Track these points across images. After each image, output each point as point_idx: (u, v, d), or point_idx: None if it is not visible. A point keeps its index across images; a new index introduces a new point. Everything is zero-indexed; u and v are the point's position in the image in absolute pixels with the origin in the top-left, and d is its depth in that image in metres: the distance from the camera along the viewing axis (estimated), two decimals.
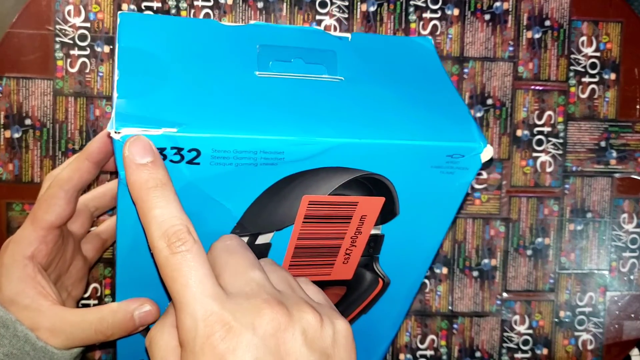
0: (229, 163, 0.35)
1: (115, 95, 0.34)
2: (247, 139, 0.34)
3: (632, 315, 0.62)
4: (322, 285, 0.45)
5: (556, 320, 0.61)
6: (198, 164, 0.34)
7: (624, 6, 0.61)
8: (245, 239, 0.40)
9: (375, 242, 0.43)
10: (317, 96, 0.38)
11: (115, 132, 0.32)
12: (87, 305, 0.57)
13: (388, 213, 0.41)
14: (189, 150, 0.34)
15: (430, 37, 0.52)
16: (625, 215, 0.61)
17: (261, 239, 0.40)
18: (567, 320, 0.61)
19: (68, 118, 0.57)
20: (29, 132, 0.56)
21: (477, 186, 0.60)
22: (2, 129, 0.56)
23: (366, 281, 0.45)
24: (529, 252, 0.61)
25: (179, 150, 0.33)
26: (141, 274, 0.40)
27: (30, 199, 0.57)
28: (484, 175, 0.60)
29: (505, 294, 0.61)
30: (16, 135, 0.56)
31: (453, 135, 0.38)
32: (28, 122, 0.56)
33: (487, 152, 0.38)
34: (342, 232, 0.41)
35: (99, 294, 0.57)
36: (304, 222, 0.40)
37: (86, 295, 0.57)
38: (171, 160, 0.34)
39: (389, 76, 0.42)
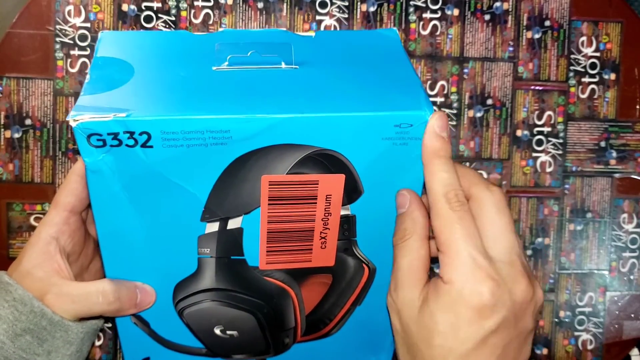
0: (180, 145, 0.37)
1: (80, 95, 0.38)
2: (193, 119, 0.36)
3: (632, 315, 0.62)
4: (307, 274, 0.45)
5: (556, 320, 0.61)
6: (151, 147, 0.37)
7: (624, 6, 0.61)
8: (216, 224, 0.41)
9: (348, 224, 0.43)
10: (268, 82, 0.40)
11: (73, 120, 0.36)
12: None
13: (353, 191, 0.42)
14: (140, 134, 0.36)
15: (395, 29, 0.52)
16: (625, 215, 0.62)
17: (232, 224, 0.42)
18: (567, 320, 0.61)
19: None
20: (29, 132, 0.57)
21: None
22: (2, 129, 0.56)
23: (350, 267, 0.46)
24: (529, 252, 0.61)
25: (131, 134, 0.36)
26: (126, 259, 0.42)
27: (31, 199, 0.57)
28: (484, 175, 0.60)
29: None
30: (16, 136, 0.56)
31: (399, 106, 0.38)
32: (28, 122, 0.56)
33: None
34: (311, 214, 0.42)
35: None
36: (269, 204, 0.41)
37: None
38: (127, 145, 0.37)
39: (345, 61, 0.43)
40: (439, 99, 0.59)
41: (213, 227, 0.42)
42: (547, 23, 0.60)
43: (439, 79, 0.59)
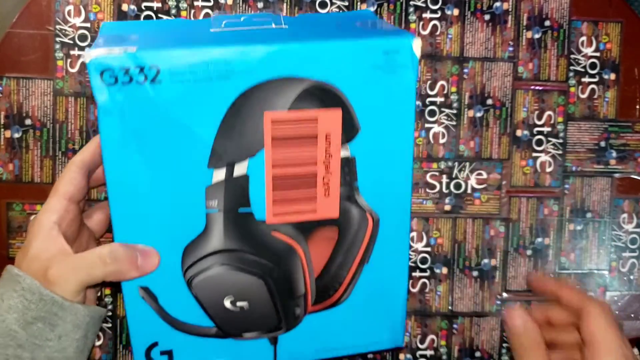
0: (187, 79, 0.40)
1: (92, 46, 0.41)
2: (198, 51, 0.40)
3: (632, 315, 0.62)
4: (313, 227, 0.46)
5: None
6: (160, 82, 0.40)
7: (624, 6, 0.61)
8: (223, 171, 0.43)
9: (348, 167, 0.45)
10: (262, 33, 0.45)
11: (88, 56, 0.39)
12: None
13: (350, 128, 0.44)
14: (150, 68, 0.39)
15: (370, 10, 0.57)
16: (625, 215, 0.62)
17: (237, 170, 0.43)
18: None
19: (68, 118, 0.57)
20: (29, 132, 0.57)
21: (477, 186, 0.60)
22: (2, 129, 0.56)
23: (355, 218, 0.46)
24: (529, 252, 0.61)
25: (142, 69, 0.39)
26: (135, 216, 0.43)
27: (31, 199, 0.57)
28: (484, 175, 0.60)
29: (505, 294, 0.61)
30: (16, 135, 0.56)
31: (385, 36, 0.44)
32: (28, 122, 0.56)
33: (417, 44, 0.43)
34: (313, 156, 0.44)
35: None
36: (273, 145, 0.43)
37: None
38: (137, 82, 0.39)
39: (330, 22, 0.50)
40: (439, 99, 0.59)
41: (220, 175, 0.43)
42: (547, 23, 0.60)
43: (438, 79, 0.59)
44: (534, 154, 0.61)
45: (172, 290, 0.45)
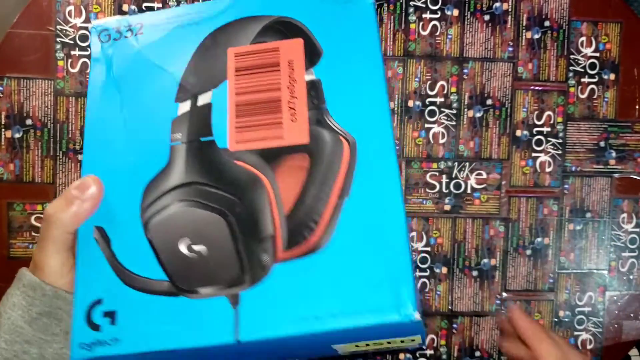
0: (164, 28, 0.46)
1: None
2: (174, 7, 0.50)
3: (632, 315, 0.62)
4: (280, 155, 0.41)
5: (555, 319, 0.61)
6: (142, 33, 0.46)
7: (624, 7, 0.61)
8: (188, 103, 0.43)
9: (315, 90, 0.43)
10: None
11: (93, 22, 0.47)
12: None
13: (313, 54, 0.44)
14: (136, 25, 0.46)
15: None
16: (625, 215, 0.62)
17: (201, 100, 0.43)
18: (566, 319, 0.61)
19: (69, 118, 0.57)
20: (30, 132, 0.57)
21: (476, 186, 0.60)
22: (3, 129, 0.56)
23: (327, 142, 0.41)
24: (529, 252, 0.61)
25: (130, 27, 0.46)
26: (104, 153, 0.44)
27: (31, 199, 0.57)
28: (484, 175, 0.60)
29: (504, 294, 0.61)
30: (17, 136, 0.57)
31: None
32: (29, 122, 0.57)
33: None
34: (276, 82, 0.43)
35: None
36: (236, 75, 0.44)
37: None
38: (125, 37, 0.46)
39: None
40: (439, 99, 0.60)
41: (185, 107, 0.43)
42: (547, 23, 0.60)
43: (438, 79, 0.59)
44: (534, 154, 0.61)
45: (127, 233, 0.41)
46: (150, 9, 0.57)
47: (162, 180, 0.41)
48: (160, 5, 0.57)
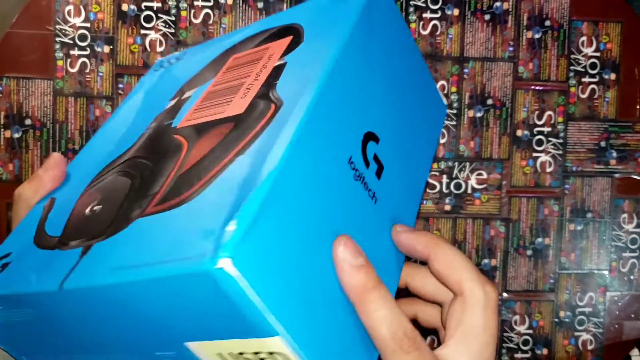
0: (195, 53, 0.48)
1: None
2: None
3: (632, 315, 0.62)
4: (213, 125, 0.38)
5: (556, 320, 0.61)
6: (182, 59, 0.48)
7: (624, 6, 0.61)
8: (176, 99, 0.44)
9: (276, 71, 0.40)
10: None
11: None
12: None
13: (294, 44, 0.42)
14: (183, 54, 0.48)
15: None
16: (625, 215, 0.62)
17: (185, 94, 0.44)
18: (567, 320, 0.61)
19: (68, 118, 0.57)
20: (29, 132, 0.56)
21: (477, 186, 0.60)
22: (2, 129, 0.56)
23: (257, 110, 0.37)
24: (529, 252, 0.61)
25: (179, 57, 0.48)
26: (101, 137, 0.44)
27: None
28: (484, 175, 0.60)
29: (505, 294, 0.61)
30: (16, 135, 0.56)
31: None
32: (28, 122, 0.56)
33: None
34: (249, 71, 0.43)
35: None
36: (223, 72, 0.44)
37: None
38: (169, 63, 0.48)
39: None
40: None
41: (172, 102, 0.45)
42: (547, 23, 0.60)
43: (439, 78, 0.59)
44: (534, 154, 0.60)
45: (64, 203, 0.40)
46: (150, 8, 0.57)
47: (117, 159, 0.42)
48: (159, 4, 0.57)
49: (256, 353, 0.27)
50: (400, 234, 0.35)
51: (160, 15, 0.57)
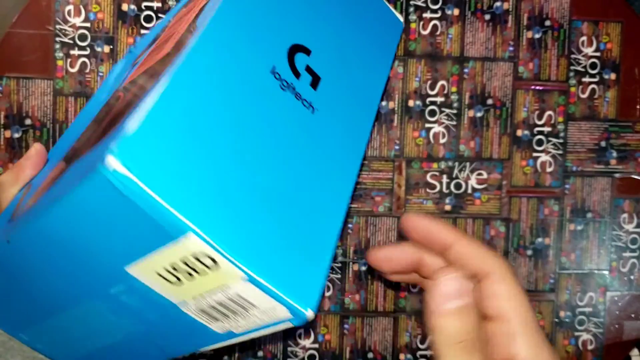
0: None
1: None
2: None
3: (632, 315, 0.62)
4: (145, 75, 0.36)
5: (556, 320, 0.61)
6: None
7: (624, 6, 0.61)
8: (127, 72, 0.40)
9: (201, 10, 0.36)
10: None
11: None
12: None
13: None
14: None
15: None
16: (626, 215, 0.61)
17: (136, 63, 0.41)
18: (567, 320, 0.61)
19: (68, 118, 0.57)
20: (29, 132, 0.56)
21: (477, 186, 0.60)
22: (2, 129, 0.56)
23: (181, 45, 0.35)
24: (529, 252, 0.61)
25: None
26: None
27: None
28: (484, 175, 0.60)
29: None
30: (16, 135, 0.56)
31: None
32: (28, 122, 0.56)
33: None
34: (182, 23, 0.37)
35: None
36: (163, 32, 0.39)
37: None
38: None
39: None
40: (439, 99, 0.59)
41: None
42: (548, 23, 0.60)
43: (439, 78, 0.59)
44: (535, 154, 0.60)
45: (39, 183, 0.40)
46: (150, 8, 0.57)
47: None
48: (159, 4, 0.57)
49: (185, 263, 0.26)
50: (418, 219, 0.33)
51: (160, 15, 0.57)
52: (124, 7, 0.57)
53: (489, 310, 0.29)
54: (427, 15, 0.59)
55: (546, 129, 0.61)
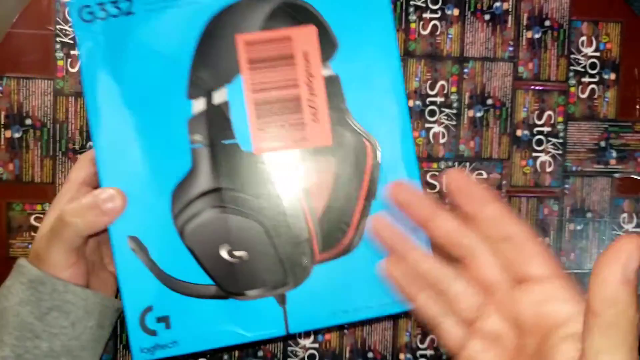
0: (158, 7, 0.41)
1: None
2: None
3: None
4: (306, 157, 0.42)
5: None
6: (133, 13, 0.41)
7: (624, 6, 0.61)
8: (203, 101, 0.41)
9: (333, 87, 0.42)
10: None
11: None
12: None
13: (328, 45, 0.42)
14: (123, 0, 0.41)
15: None
16: (625, 215, 0.62)
17: (217, 97, 0.41)
18: None
19: (68, 118, 0.57)
20: (30, 132, 0.57)
21: None
22: (2, 129, 0.56)
23: (350, 145, 0.42)
24: None
25: (115, 2, 0.40)
26: (119, 161, 0.41)
27: (31, 199, 0.57)
28: (484, 175, 0.60)
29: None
30: (17, 135, 0.56)
31: None
32: (28, 122, 0.57)
33: None
34: (293, 77, 0.41)
35: None
36: (250, 69, 0.41)
37: None
38: (112, 16, 0.41)
39: None
40: (439, 99, 0.59)
41: (199, 105, 0.41)
42: (547, 23, 0.60)
43: (439, 79, 0.59)
44: (534, 154, 0.61)
45: (163, 241, 0.41)
46: None
47: (189, 185, 0.41)
48: None
49: None
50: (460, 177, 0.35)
51: None
52: None
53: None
54: (427, 15, 0.59)
55: (546, 129, 0.61)
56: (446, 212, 0.35)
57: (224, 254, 0.41)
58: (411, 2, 0.59)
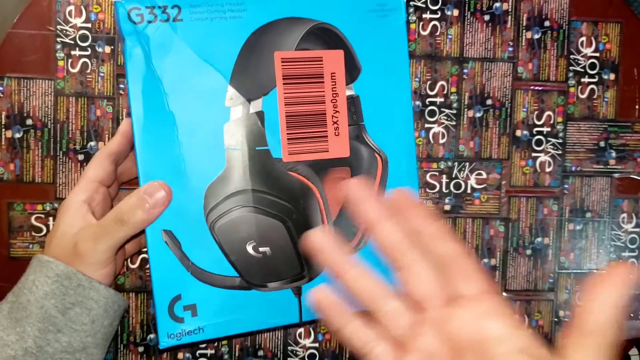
0: (205, 17, 0.44)
1: None
2: None
3: (631, 315, 0.62)
4: (326, 167, 0.48)
5: (555, 319, 0.61)
6: (181, 20, 0.44)
7: (624, 6, 0.61)
8: (240, 109, 0.45)
9: (354, 106, 0.48)
10: None
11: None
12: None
13: (352, 68, 0.48)
14: (172, 7, 0.44)
15: None
16: (625, 215, 0.62)
17: (253, 107, 0.46)
18: (566, 319, 0.61)
19: (69, 118, 0.57)
20: (30, 132, 0.57)
21: (476, 186, 0.60)
22: (3, 129, 0.56)
23: (365, 158, 0.48)
24: (529, 252, 0.61)
25: (164, 8, 0.44)
26: (158, 157, 0.45)
27: (32, 199, 0.57)
28: (484, 175, 0.60)
29: (504, 294, 0.61)
30: (17, 135, 0.57)
31: None
32: (29, 122, 0.57)
33: None
34: (321, 94, 0.47)
35: None
36: (284, 83, 0.46)
37: None
38: (161, 20, 0.44)
39: None
40: (439, 99, 0.60)
41: (237, 112, 0.45)
42: (547, 23, 0.60)
43: (438, 79, 0.59)
44: (534, 154, 0.61)
45: (195, 236, 0.45)
46: None
47: (222, 185, 0.45)
48: None
49: None
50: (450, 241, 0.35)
51: None
52: None
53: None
54: (427, 15, 0.59)
55: (545, 129, 0.61)
56: (393, 222, 0.34)
57: (250, 249, 0.46)
58: (411, 3, 0.59)
